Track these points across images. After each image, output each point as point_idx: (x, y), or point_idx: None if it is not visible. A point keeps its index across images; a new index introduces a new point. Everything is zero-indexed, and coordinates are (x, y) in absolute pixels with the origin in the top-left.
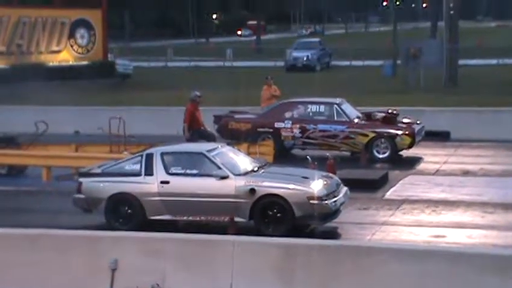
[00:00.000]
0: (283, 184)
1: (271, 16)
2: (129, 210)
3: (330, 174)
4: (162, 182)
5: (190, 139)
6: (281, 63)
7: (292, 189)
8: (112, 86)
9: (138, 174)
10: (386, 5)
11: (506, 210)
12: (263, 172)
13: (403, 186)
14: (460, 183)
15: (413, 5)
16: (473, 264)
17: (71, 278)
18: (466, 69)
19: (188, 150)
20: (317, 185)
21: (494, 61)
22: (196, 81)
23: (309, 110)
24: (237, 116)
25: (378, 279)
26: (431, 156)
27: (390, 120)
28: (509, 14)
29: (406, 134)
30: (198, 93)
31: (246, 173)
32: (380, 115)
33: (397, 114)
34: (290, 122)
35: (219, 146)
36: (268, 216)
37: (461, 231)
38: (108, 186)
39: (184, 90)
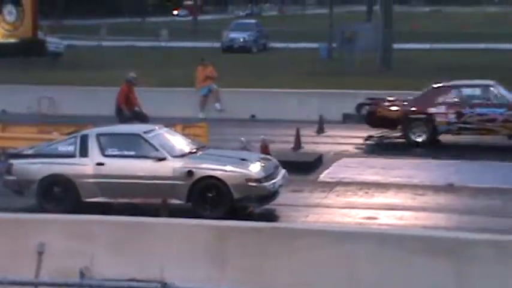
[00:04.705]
0: (221, 166)
1: None
2: (63, 193)
3: (268, 156)
4: (97, 164)
5: (124, 120)
6: (218, 44)
7: (230, 171)
8: (42, 64)
9: (72, 156)
10: None
11: (436, 193)
12: (201, 154)
13: (337, 169)
14: (393, 166)
15: None
16: (403, 246)
17: None
18: (400, 53)
19: (125, 131)
20: (255, 167)
21: (427, 45)
22: (130, 61)
23: (463, 93)
24: (385, 103)
25: (311, 260)
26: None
27: None
28: None
29: None
30: (134, 75)
31: (183, 155)
32: None
33: None
34: (444, 107)
35: (157, 128)
36: (206, 198)
37: (392, 213)
38: (40, 168)
39: (118, 70)
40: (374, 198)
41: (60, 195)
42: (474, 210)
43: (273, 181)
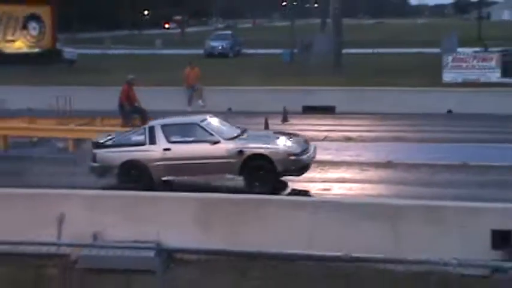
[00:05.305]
0: (265, 145)
1: (192, 12)
2: (139, 174)
3: (298, 134)
4: (164, 149)
5: (125, 114)
6: (201, 51)
7: (274, 148)
8: (60, 70)
9: (143, 144)
10: (285, 5)
11: (377, 168)
12: (246, 136)
13: None
14: (344, 147)
15: (307, 5)
16: (353, 212)
17: (21, 229)
18: (350, 57)
19: (184, 121)
20: (293, 143)
21: (370, 50)
22: (131, 66)
23: None
24: None
25: (277, 224)
26: (320, 126)
27: None
28: (384, 13)
29: None
30: (132, 76)
31: (233, 138)
32: None
33: None
34: None
35: (208, 117)
36: (255, 172)
37: (343, 185)
38: (119, 155)
39: (121, 73)
40: (328, 173)
41: (137, 176)
42: (408, 182)
43: (308, 154)
